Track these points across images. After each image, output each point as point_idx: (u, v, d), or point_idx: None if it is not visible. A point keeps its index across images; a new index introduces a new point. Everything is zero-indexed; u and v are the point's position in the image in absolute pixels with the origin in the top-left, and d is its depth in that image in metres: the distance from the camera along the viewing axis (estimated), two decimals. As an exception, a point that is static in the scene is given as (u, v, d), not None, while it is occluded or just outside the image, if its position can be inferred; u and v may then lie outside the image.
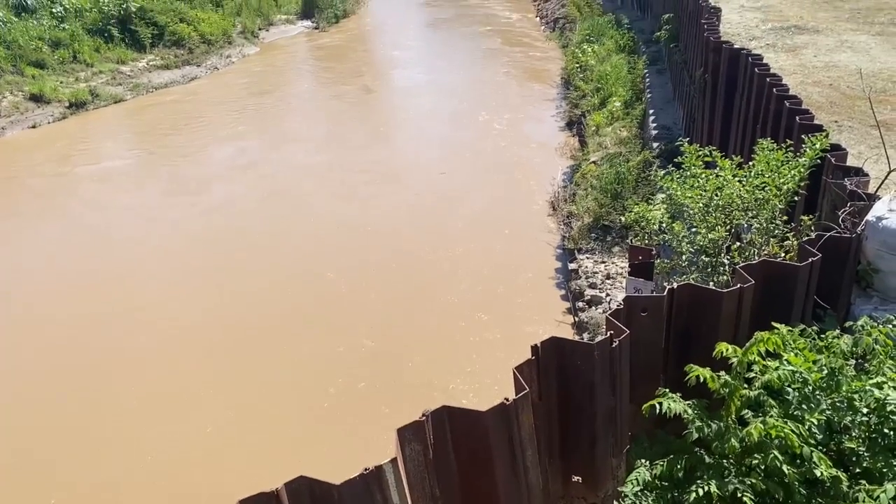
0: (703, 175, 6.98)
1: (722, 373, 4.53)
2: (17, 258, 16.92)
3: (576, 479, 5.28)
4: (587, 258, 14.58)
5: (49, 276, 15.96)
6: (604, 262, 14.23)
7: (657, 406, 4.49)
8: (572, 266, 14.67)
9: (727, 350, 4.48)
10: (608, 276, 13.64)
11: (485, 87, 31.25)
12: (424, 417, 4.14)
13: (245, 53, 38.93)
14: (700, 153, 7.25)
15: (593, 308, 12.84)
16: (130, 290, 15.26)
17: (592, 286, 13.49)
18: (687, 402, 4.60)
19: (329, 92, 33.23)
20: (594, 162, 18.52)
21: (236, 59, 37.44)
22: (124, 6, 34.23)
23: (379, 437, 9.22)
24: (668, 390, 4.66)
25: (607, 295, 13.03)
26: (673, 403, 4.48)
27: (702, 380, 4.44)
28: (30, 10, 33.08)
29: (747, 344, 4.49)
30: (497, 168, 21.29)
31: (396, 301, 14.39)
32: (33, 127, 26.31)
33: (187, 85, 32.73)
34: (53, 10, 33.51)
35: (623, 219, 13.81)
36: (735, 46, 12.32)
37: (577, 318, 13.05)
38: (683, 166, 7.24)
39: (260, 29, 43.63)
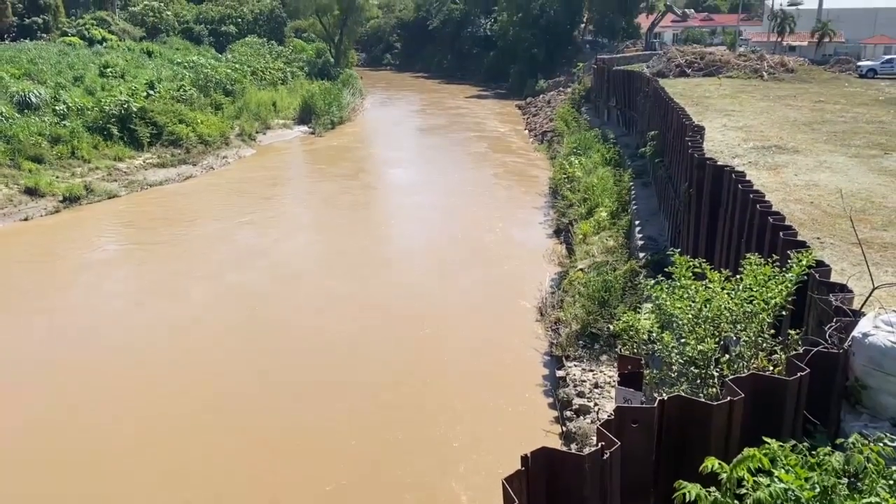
0: (693, 286, 7.09)
1: (713, 489, 4.44)
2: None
3: None
4: (575, 366, 14.50)
5: (28, 366, 15.65)
6: (592, 371, 14.16)
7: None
8: (560, 374, 14.57)
9: (716, 465, 4.41)
10: (596, 385, 13.54)
11: (474, 193, 31.95)
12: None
13: (241, 155, 39.85)
14: (690, 264, 7.39)
15: (581, 417, 12.67)
16: (122, 382, 14.96)
17: (580, 395, 13.37)
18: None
19: (322, 192, 33.84)
20: (581, 269, 18.73)
21: (232, 160, 38.27)
22: (125, 106, 35.23)
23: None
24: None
25: (595, 404, 12.90)
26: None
27: (693, 495, 4.35)
28: (33, 107, 33.96)
29: (734, 460, 4.43)
30: (486, 273, 21.47)
31: (386, 405, 14.15)
32: (25, 219, 26.49)
33: (182, 183, 33.28)
34: (56, 108, 34.41)
35: (612, 327, 13.84)
36: (719, 163, 12.75)
37: (564, 428, 12.85)
38: (673, 276, 7.36)
39: (257, 132, 44.89)
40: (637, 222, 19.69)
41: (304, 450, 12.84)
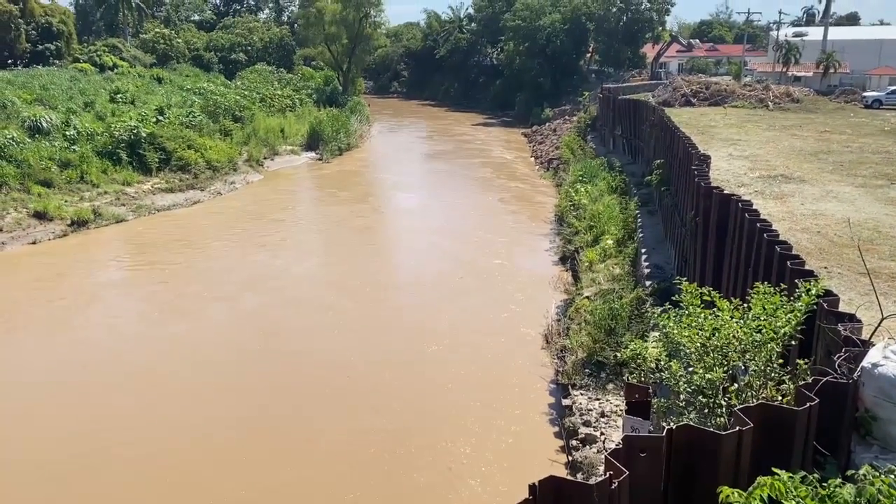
0: (701, 315, 7.07)
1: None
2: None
3: None
4: (581, 394, 14.41)
5: (35, 387, 15.64)
6: (598, 400, 14.06)
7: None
8: (566, 402, 14.47)
9: (732, 494, 4.37)
10: (602, 414, 13.44)
11: (481, 219, 32.00)
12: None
13: (249, 180, 40.10)
14: (698, 292, 7.38)
15: (587, 447, 12.55)
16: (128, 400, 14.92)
17: (587, 424, 13.26)
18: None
19: (329, 216, 33.97)
20: (588, 297, 18.69)
21: (240, 185, 38.50)
22: (135, 131, 35.54)
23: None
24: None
25: (602, 434, 12.79)
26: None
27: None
28: (44, 132, 34.29)
29: (749, 488, 4.39)
30: (492, 299, 21.43)
31: (389, 430, 14.07)
32: (33, 243, 26.61)
33: (190, 208, 33.46)
34: (67, 133, 34.73)
35: (619, 354, 13.77)
36: (725, 192, 12.76)
37: (570, 457, 12.73)
38: (681, 305, 7.34)
39: (265, 158, 45.21)
40: (643, 250, 19.67)
41: (311, 471, 12.75)
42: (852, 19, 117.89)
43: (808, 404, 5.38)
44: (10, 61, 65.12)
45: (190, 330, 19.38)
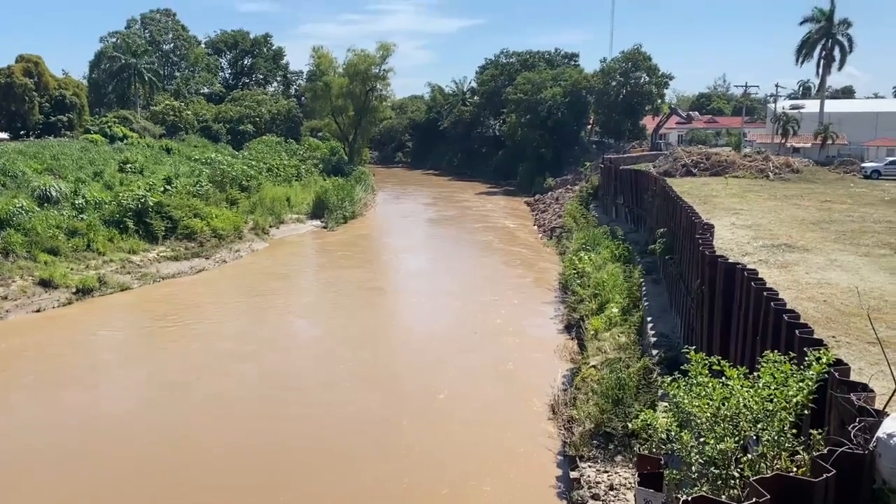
0: (710, 384, 7.00)
1: None
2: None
3: None
4: (589, 466, 14.13)
5: (30, 454, 15.39)
6: (606, 472, 13.77)
7: None
8: (574, 475, 14.17)
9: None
10: (611, 487, 13.14)
11: (485, 288, 31.97)
12: None
13: (254, 248, 40.37)
14: (706, 361, 7.33)
15: (596, 521, 12.24)
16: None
17: (595, 497, 12.96)
18: None
19: (331, 282, 33.99)
20: (594, 366, 18.53)
21: (245, 254, 38.72)
22: (142, 200, 36.00)
23: None
24: None
25: (611, 507, 12.48)
26: None
27: None
28: (53, 200, 34.77)
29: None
30: (498, 370, 21.25)
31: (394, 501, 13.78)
32: (38, 311, 26.61)
33: (195, 276, 33.56)
34: (75, 202, 35.20)
35: (629, 425, 13.55)
36: (730, 261, 12.80)
37: (579, 532, 12.39)
38: (690, 374, 7.28)
39: (271, 226, 45.62)
40: (649, 319, 19.60)
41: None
42: (847, 92, 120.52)
43: (824, 475, 5.28)
44: (22, 132, 66.54)
45: (194, 399, 19.17)
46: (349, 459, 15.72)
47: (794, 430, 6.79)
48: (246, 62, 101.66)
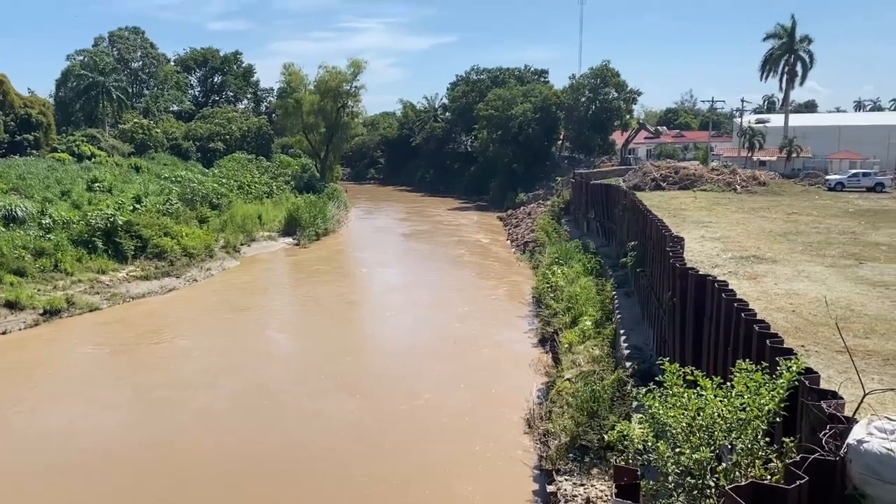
0: (685, 394, 7.09)
1: None
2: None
3: None
4: (566, 480, 14.15)
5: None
6: (583, 485, 13.80)
7: None
8: (550, 489, 14.19)
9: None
10: (588, 501, 13.16)
11: (460, 304, 31.99)
12: None
13: (225, 267, 39.95)
14: (680, 372, 7.42)
15: (574, 534, 12.24)
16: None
17: (572, 510, 12.97)
18: None
19: (303, 297, 33.76)
20: (569, 379, 18.61)
21: (216, 272, 38.30)
22: (111, 220, 35.49)
23: None
24: None
25: (588, 520, 12.50)
26: None
27: None
28: (19, 220, 34.15)
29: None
30: (473, 385, 21.23)
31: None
32: (3, 333, 26.03)
33: (165, 295, 33.11)
34: (42, 222, 34.61)
35: (604, 437, 13.61)
36: (701, 273, 12.98)
37: (557, 546, 12.39)
38: (664, 385, 7.36)
39: (242, 244, 45.20)
40: (622, 331, 19.76)
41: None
42: (810, 107, 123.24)
43: (797, 482, 5.37)
44: (-13, 152, 65.31)
45: (165, 419, 18.87)
46: (332, 467, 15.58)
47: (767, 438, 6.89)
48: (216, 80, 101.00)
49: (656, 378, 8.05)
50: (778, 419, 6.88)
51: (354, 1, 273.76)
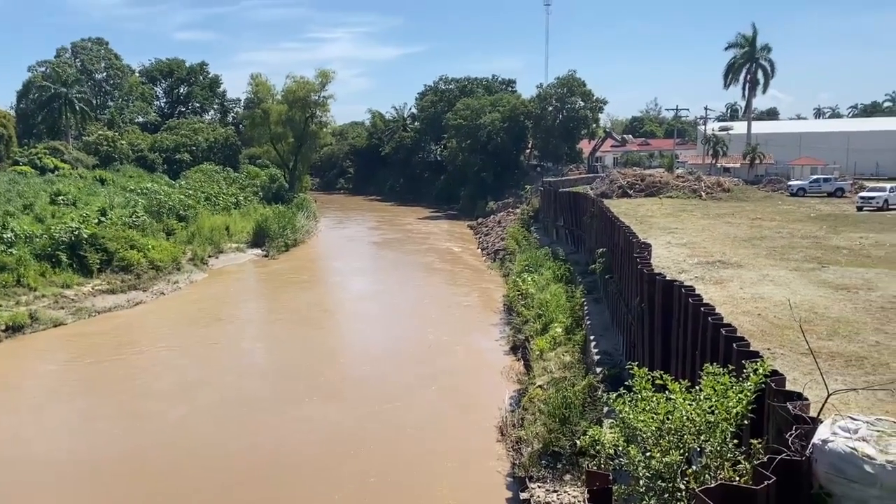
0: (654, 398, 7.17)
1: None
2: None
3: None
4: (539, 487, 14.20)
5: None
6: (556, 492, 13.86)
7: None
8: (524, 496, 14.22)
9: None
10: (561, 506, 13.22)
11: (431, 312, 31.99)
12: None
13: (193, 279, 39.46)
14: (649, 376, 7.51)
15: (548, 541, 12.28)
16: None
17: (545, 517, 13.01)
18: None
19: (270, 309, 33.51)
20: (540, 386, 18.69)
21: (184, 285, 37.81)
22: (76, 233, 34.89)
23: None
24: None
25: (561, 527, 12.55)
26: None
27: None
28: (-21, 235, 33.37)
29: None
30: (445, 394, 21.23)
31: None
32: (-36, 350, 25.47)
33: (131, 309, 32.60)
34: (4, 236, 33.86)
35: (576, 443, 13.69)
36: (668, 278, 13.15)
37: (531, 554, 12.42)
38: (634, 389, 7.45)
39: (210, 256, 44.70)
40: (592, 337, 19.90)
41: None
42: (772, 114, 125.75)
43: (766, 482, 5.47)
44: (-55, 165, 63.81)
45: (133, 433, 18.55)
46: (311, 472, 15.45)
47: (736, 441, 6.99)
48: (182, 91, 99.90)
49: (626, 383, 8.13)
50: (745, 421, 6.99)
51: (322, 11, 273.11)
